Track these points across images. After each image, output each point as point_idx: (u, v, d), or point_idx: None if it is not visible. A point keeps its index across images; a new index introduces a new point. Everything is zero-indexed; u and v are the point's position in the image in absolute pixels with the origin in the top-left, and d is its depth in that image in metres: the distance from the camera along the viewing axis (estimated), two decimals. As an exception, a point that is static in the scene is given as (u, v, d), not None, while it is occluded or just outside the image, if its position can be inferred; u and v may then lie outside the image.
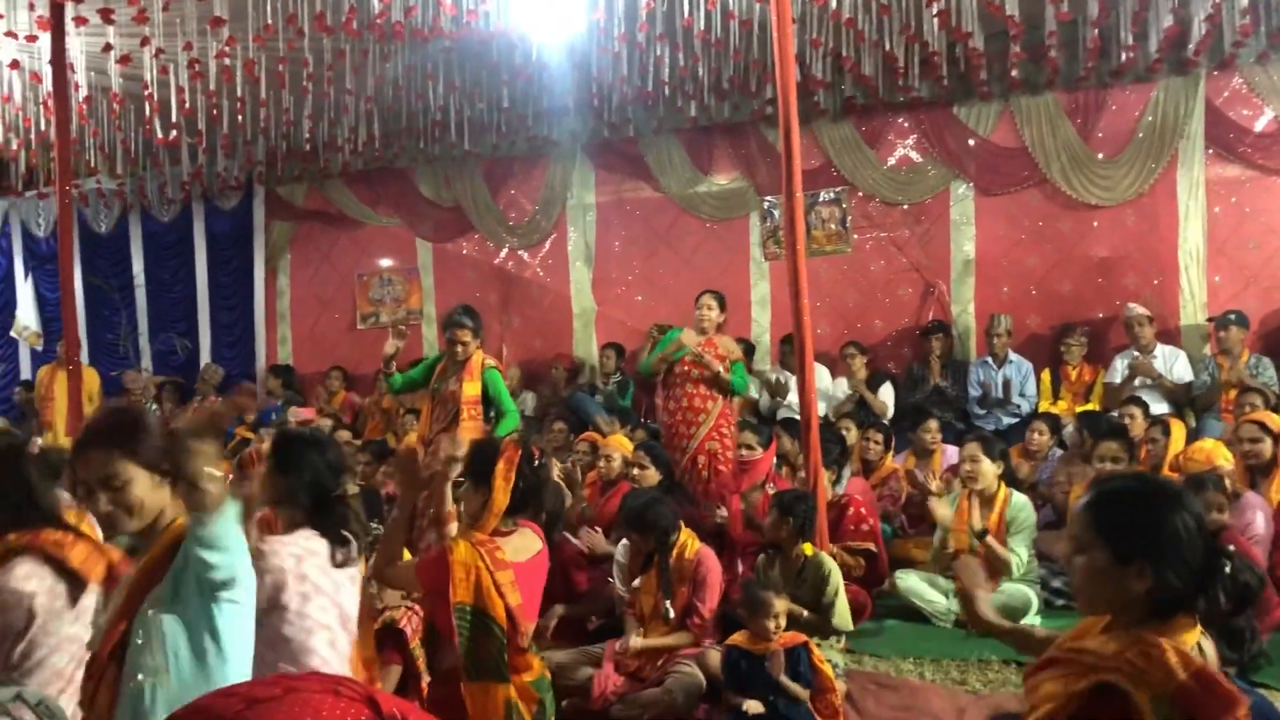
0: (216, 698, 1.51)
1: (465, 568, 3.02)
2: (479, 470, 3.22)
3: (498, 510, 3.15)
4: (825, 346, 9.11)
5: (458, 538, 3.11)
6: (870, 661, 5.05)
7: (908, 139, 9.26)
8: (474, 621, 3.01)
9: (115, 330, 11.91)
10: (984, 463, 5.59)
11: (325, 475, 2.93)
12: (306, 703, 1.47)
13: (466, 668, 3.00)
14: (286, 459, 2.94)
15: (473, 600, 3.01)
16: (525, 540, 3.28)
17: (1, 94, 7.72)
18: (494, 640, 3.02)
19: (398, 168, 10.73)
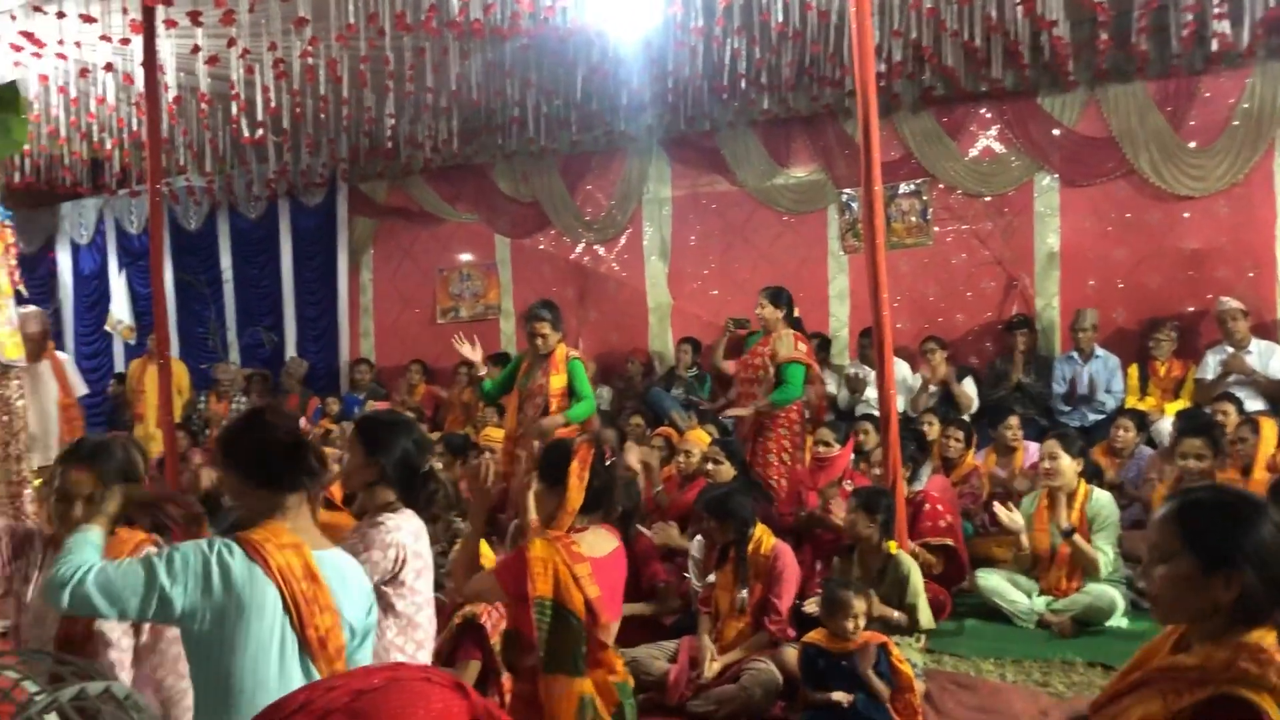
0: (315, 692, 1.54)
1: (543, 563, 3.04)
2: (552, 471, 3.25)
3: (572, 509, 3.17)
4: (905, 341, 8.98)
5: (533, 537, 3.14)
6: (950, 661, 4.98)
7: (990, 130, 9.08)
8: (553, 615, 3.03)
9: (204, 324, 12.22)
10: (1063, 459, 5.48)
11: (413, 454, 2.99)
12: (410, 690, 1.53)
13: (544, 661, 3.02)
14: (374, 441, 3.00)
15: (552, 594, 3.04)
16: (599, 538, 3.29)
17: (96, 95, 7.95)
18: (572, 631, 3.04)
19: (476, 164, 10.84)
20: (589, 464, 3.19)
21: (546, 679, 3.02)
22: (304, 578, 2.30)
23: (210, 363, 11.75)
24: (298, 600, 2.27)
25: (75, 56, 7.31)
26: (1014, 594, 5.57)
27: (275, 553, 2.28)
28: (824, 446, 6.00)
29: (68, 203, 12.63)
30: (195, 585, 2.22)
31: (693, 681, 4.62)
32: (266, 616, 2.25)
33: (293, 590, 2.27)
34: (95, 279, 12.79)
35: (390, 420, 3.11)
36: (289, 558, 2.30)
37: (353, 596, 2.42)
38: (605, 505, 3.36)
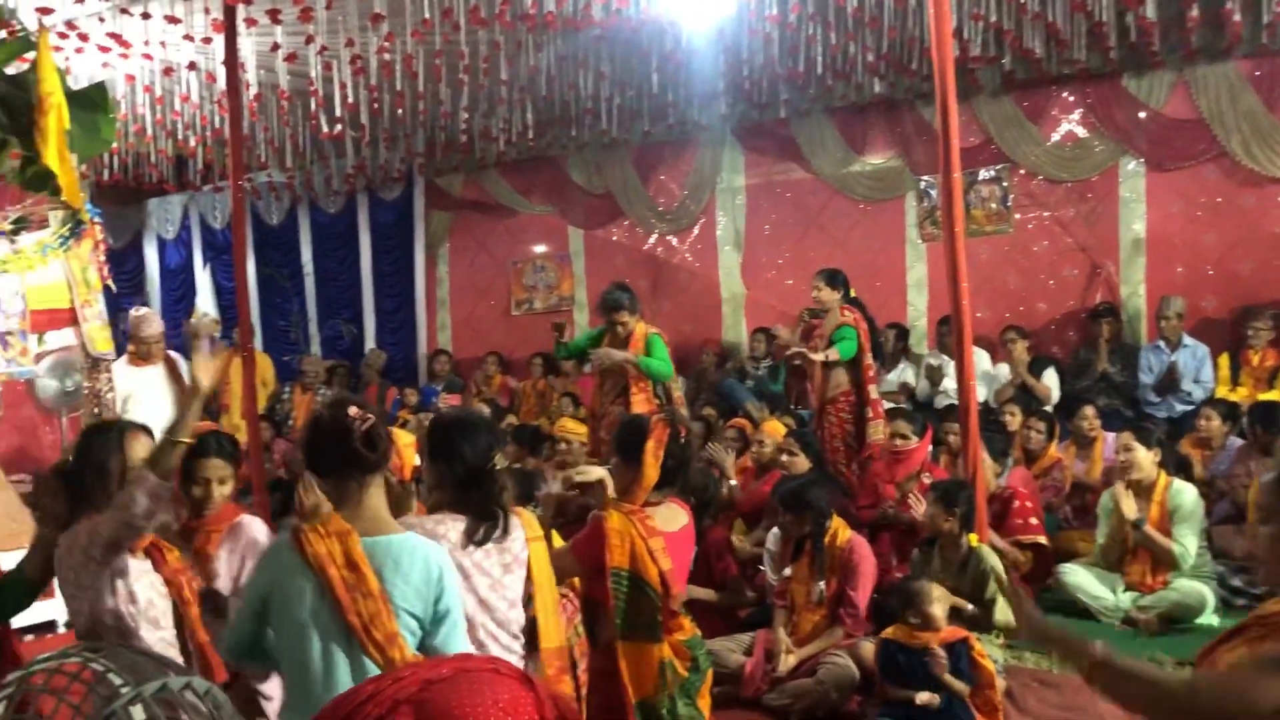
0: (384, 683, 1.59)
1: (620, 535, 3.14)
2: (628, 447, 3.33)
3: (647, 485, 3.27)
4: (985, 330, 8.80)
5: (610, 509, 3.19)
6: (1031, 658, 4.86)
7: (1073, 113, 8.85)
8: (630, 585, 3.13)
9: (286, 317, 12.47)
10: (1138, 451, 5.33)
11: (474, 457, 2.96)
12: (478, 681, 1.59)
13: (622, 629, 3.11)
14: (436, 445, 3.01)
15: (628, 565, 3.13)
16: (672, 513, 3.39)
17: (180, 94, 8.14)
18: (648, 601, 3.14)
19: (550, 156, 10.88)
20: (664, 442, 3.28)
21: (624, 645, 3.11)
22: (344, 565, 2.36)
23: (292, 355, 11.99)
24: (335, 587, 2.34)
25: (160, 56, 7.50)
26: (1099, 590, 5.43)
27: (315, 541, 2.37)
28: (901, 439, 5.91)
29: (154, 199, 12.95)
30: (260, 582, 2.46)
31: (768, 675, 4.59)
32: (305, 602, 2.36)
33: (329, 577, 2.34)
34: (181, 273, 13.11)
35: (451, 422, 3.08)
36: (330, 545, 2.37)
37: (411, 582, 2.44)
38: (679, 482, 3.46)
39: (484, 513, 2.92)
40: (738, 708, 4.53)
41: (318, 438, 2.53)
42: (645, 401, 6.20)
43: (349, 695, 1.58)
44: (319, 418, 2.57)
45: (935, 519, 4.78)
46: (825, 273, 6.83)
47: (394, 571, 2.42)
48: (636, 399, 6.20)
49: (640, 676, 3.09)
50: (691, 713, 3.18)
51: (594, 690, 3.21)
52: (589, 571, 3.20)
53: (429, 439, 3.05)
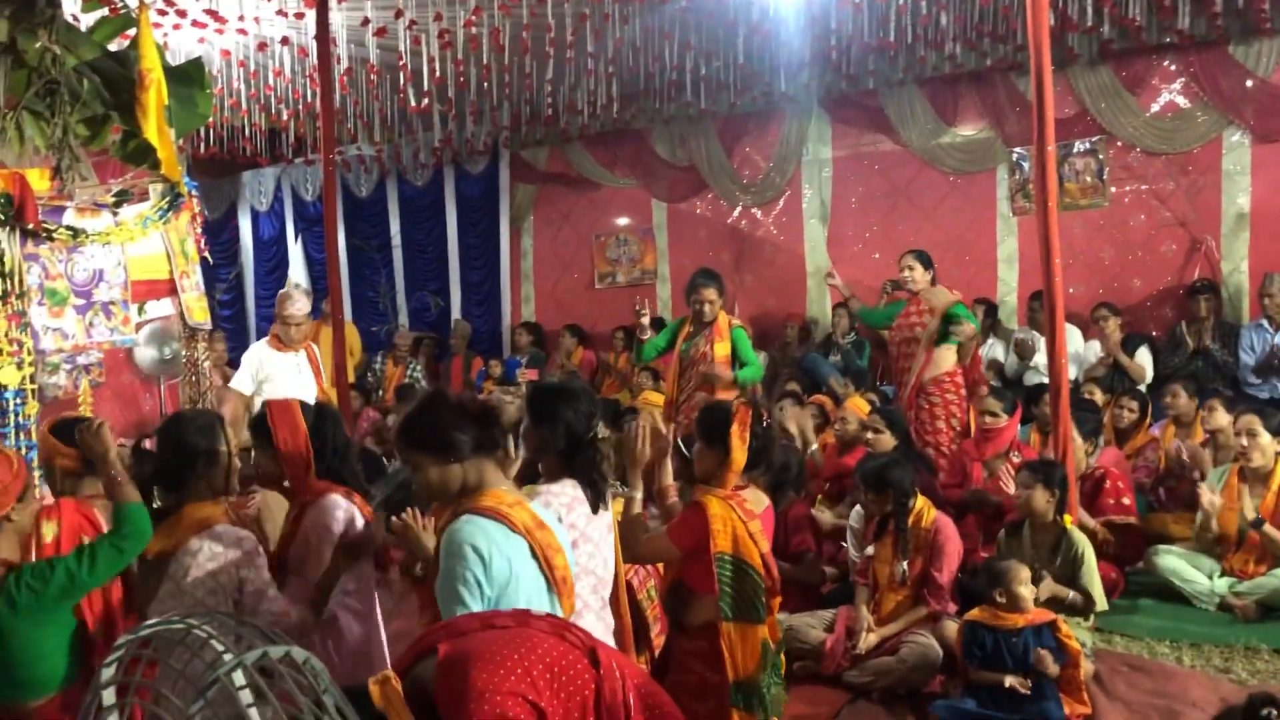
0: (464, 617, 1.72)
1: (721, 520, 3.16)
2: (712, 432, 3.31)
3: (736, 469, 3.27)
4: (1077, 307, 8.60)
5: (706, 496, 3.22)
6: (1121, 642, 4.78)
7: (1174, 83, 8.55)
8: (733, 569, 3.15)
9: (375, 288, 12.68)
10: (1262, 437, 5.14)
11: (575, 423, 3.03)
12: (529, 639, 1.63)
13: (728, 612, 3.13)
14: (540, 411, 3.07)
15: (731, 550, 3.15)
16: (755, 496, 3.49)
17: (274, 68, 8.30)
18: (751, 583, 3.17)
19: (634, 129, 10.85)
20: (748, 426, 3.28)
21: (729, 627, 3.13)
22: (536, 527, 2.57)
23: (380, 325, 12.21)
24: (541, 548, 2.54)
25: (254, 32, 7.63)
26: (1193, 574, 5.28)
27: (510, 512, 2.53)
28: (990, 417, 5.80)
29: (248, 171, 13.24)
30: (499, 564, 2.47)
31: (849, 652, 4.57)
32: (528, 569, 2.52)
33: (535, 540, 2.54)
34: (274, 244, 13.40)
35: (555, 389, 3.16)
36: (520, 514, 2.55)
37: (565, 538, 2.71)
38: (762, 465, 3.52)
39: (590, 480, 3.06)
40: (818, 683, 4.52)
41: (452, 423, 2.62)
42: (730, 388, 6.20)
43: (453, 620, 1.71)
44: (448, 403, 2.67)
45: (1033, 500, 4.64)
46: (917, 253, 6.76)
47: (556, 528, 2.68)
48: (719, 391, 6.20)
49: (745, 657, 3.14)
50: (780, 693, 3.21)
51: (680, 669, 3.23)
52: (685, 555, 3.22)
53: (531, 406, 3.11)
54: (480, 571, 2.40)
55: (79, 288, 5.27)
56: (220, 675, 0.79)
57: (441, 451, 2.59)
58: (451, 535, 2.47)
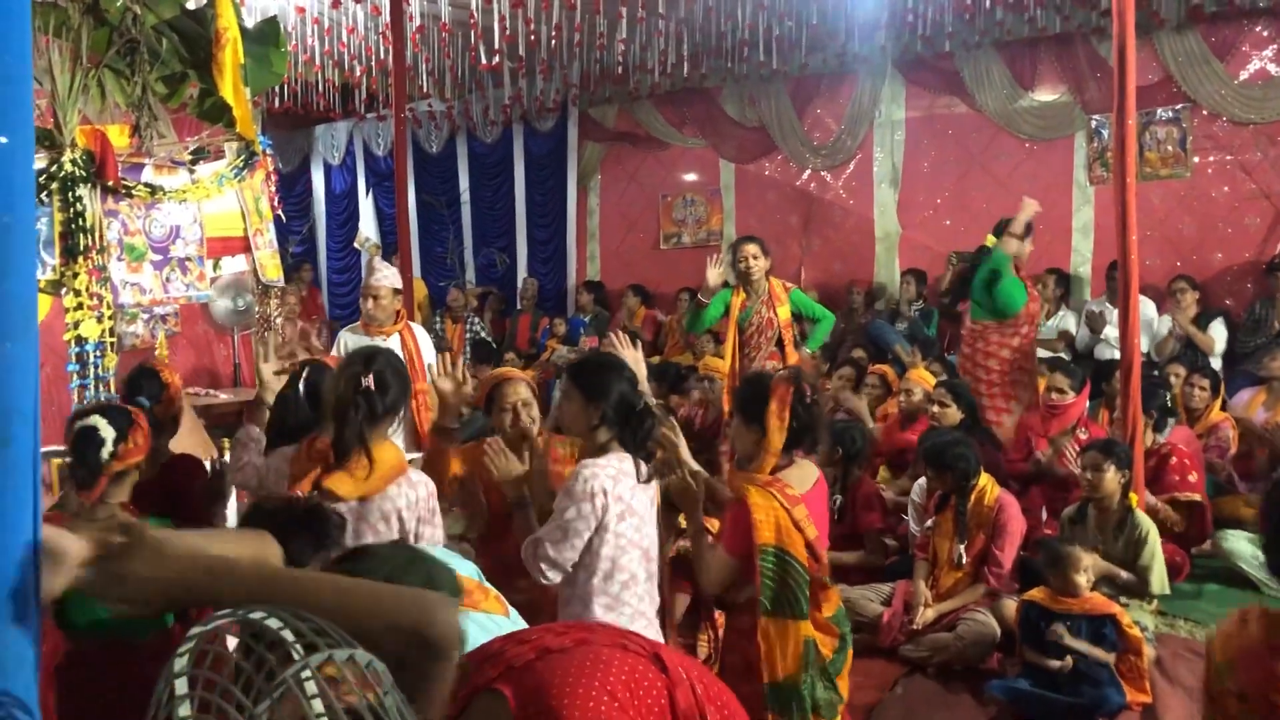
0: (509, 643, 1.57)
1: (764, 510, 3.03)
2: (750, 409, 3.18)
3: (775, 450, 3.11)
4: (1154, 279, 8.41)
5: (744, 484, 3.10)
6: (1185, 627, 4.71)
7: (1266, 50, 8.25)
8: (776, 561, 3.02)
9: (444, 244, 12.79)
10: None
11: (628, 395, 3.02)
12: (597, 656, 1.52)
13: (767, 605, 3.02)
14: (590, 385, 3.05)
15: (775, 541, 3.02)
16: (803, 471, 3.24)
17: (347, 25, 8.35)
18: (794, 575, 3.03)
19: (704, 88, 10.76)
20: (788, 403, 3.10)
21: (767, 622, 3.01)
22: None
23: (448, 280, 12.31)
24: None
25: (329, -12, 7.68)
26: (1262, 558, 5.18)
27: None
28: (1057, 394, 5.71)
29: (320, 125, 13.39)
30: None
31: (906, 626, 4.57)
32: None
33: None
34: (345, 198, 13.56)
35: (602, 363, 3.14)
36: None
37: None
38: (808, 442, 3.27)
39: (644, 451, 3.02)
40: (874, 656, 4.52)
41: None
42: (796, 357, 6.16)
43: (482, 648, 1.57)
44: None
45: (1104, 481, 4.56)
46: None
47: None
48: (792, 351, 6.16)
49: (782, 655, 3.00)
50: (830, 696, 3.04)
51: (728, 650, 3.18)
52: (739, 559, 3.07)
53: (576, 382, 3.09)
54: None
55: (156, 243, 5.40)
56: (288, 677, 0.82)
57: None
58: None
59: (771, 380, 3.17)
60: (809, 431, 3.20)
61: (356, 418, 2.92)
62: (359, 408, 2.92)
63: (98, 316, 4.89)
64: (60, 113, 4.92)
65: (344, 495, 2.87)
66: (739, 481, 3.13)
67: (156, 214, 5.39)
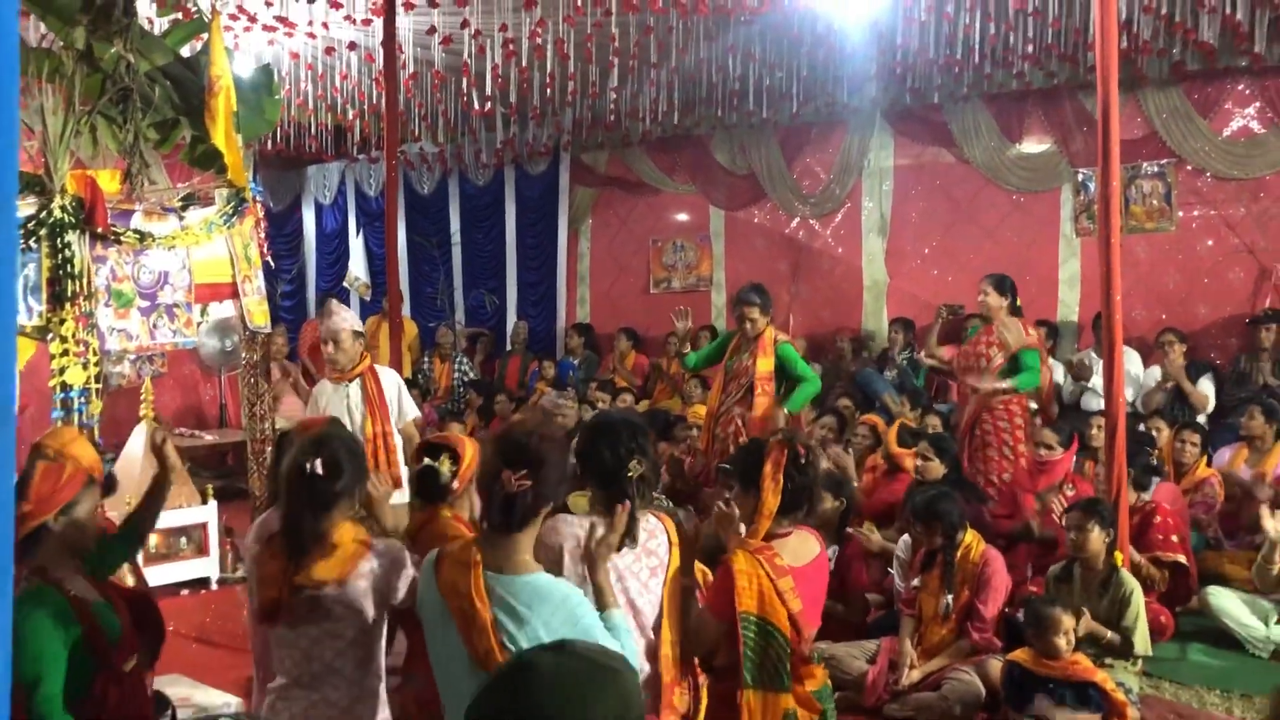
0: None
1: (747, 576, 2.98)
2: (747, 474, 3.14)
3: (768, 513, 3.07)
4: (1140, 331, 8.47)
5: (735, 548, 3.06)
6: (1170, 689, 4.69)
7: (1248, 107, 8.36)
8: (757, 631, 2.98)
9: (434, 284, 12.81)
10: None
11: (610, 460, 2.92)
12: None
13: (748, 678, 2.98)
14: (579, 445, 3.02)
15: (756, 609, 2.98)
16: (803, 543, 3.18)
17: (340, 71, 8.42)
18: (776, 647, 2.99)
19: (695, 135, 10.84)
20: (782, 465, 3.07)
21: (749, 693, 2.97)
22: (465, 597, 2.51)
23: (438, 321, 12.33)
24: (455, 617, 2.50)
25: (323, 35, 7.74)
26: (1248, 618, 5.16)
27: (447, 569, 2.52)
28: (1045, 449, 5.73)
29: (312, 165, 13.44)
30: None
31: (891, 685, 4.55)
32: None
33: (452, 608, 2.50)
34: (336, 238, 13.59)
35: (595, 425, 3.08)
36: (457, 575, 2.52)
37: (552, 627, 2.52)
38: (807, 506, 3.22)
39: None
40: (859, 715, 4.50)
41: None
42: (768, 404, 6.15)
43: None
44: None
45: (1089, 541, 4.56)
46: (994, 279, 6.56)
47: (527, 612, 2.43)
48: (760, 401, 6.15)
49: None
50: None
51: (712, 716, 3.08)
52: (721, 622, 3.02)
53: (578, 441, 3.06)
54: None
55: (144, 290, 5.40)
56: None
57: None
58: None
59: (767, 444, 3.14)
60: (805, 494, 3.17)
61: (304, 506, 2.75)
62: (306, 495, 2.75)
63: (83, 363, 4.88)
64: (51, 158, 4.94)
65: (326, 579, 2.71)
66: (732, 545, 3.09)
67: (145, 260, 5.39)
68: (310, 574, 2.69)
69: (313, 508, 2.74)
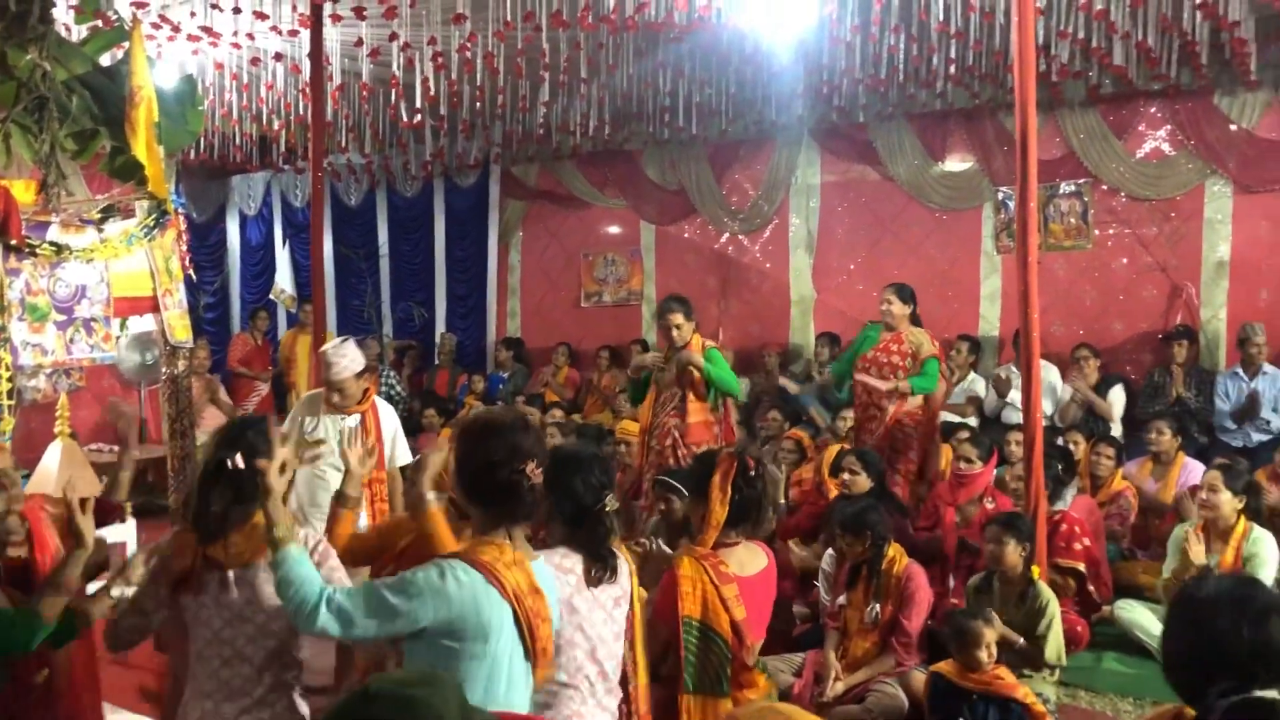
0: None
1: (691, 582, 3.06)
2: (698, 484, 3.22)
3: (715, 523, 3.15)
4: (1058, 347, 8.69)
5: (681, 554, 3.13)
6: (1086, 697, 4.82)
7: (1160, 130, 8.65)
8: (699, 635, 3.04)
9: (361, 297, 12.67)
10: (1223, 494, 5.19)
11: (585, 494, 2.92)
12: None
13: (688, 681, 3.03)
14: (549, 478, 2.96)
15: (699, 615, 3.04)
16: (751, 555, 3.26)
17: (266, 81, 8.30)
18: (717, 652, 3.05)
19: (626, 150, 10.89)
20: (731, 477, 3.13)
21: (690, 698, 3.02)
22: (529, 593, 2.42)
23: (365, 334, 12.18)
24: (529, 616, 2.40)
25: (248, 46, 7.63)
26: (1158, 628, 5.27)
27: (505, 572, 2.38)
28: (965, 463, 5.84)
29: (237, 175, 13.23)
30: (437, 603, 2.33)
31: (815, 698, 4.59)
32: (504, 635, 2.37)
33: (524, 607, 2.39)
34: (261, 249, 13.37)
35: (567, 457, 3.01)
36: (516, 576, 2.40)
37: (555, 601, 2.57)
38: (754, 518, 3.29)
39: (595, 553, 2.89)
40: (783, 729, 4.52)
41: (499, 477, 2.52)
42: (701, 412, 6.17)
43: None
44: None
45: (1005, 555, 4.66)
46: (896, 287, 6.67)
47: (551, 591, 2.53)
48: (693, 409, 6.17)
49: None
50: None
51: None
52: (667, 627, 3.07)
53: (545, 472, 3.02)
54: (416, 602, 2.33)
55: (61, 303, 5.27)
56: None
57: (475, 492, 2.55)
58: (435, 562, 2.41)
59: (717, 455, 3.24)
60: (754, 505, 3.24)
61: (222, 500, 2.72)
62: (225, 489, 2.72)
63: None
64: (-38, 169, 4.81)
65: (241, 553, 2.70)
66: (681, 552, 3.17)
67: (62, 273, 5.26)
68: (224, 548, 2.69)
69: (235, 500, 2.73)
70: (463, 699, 1.42)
